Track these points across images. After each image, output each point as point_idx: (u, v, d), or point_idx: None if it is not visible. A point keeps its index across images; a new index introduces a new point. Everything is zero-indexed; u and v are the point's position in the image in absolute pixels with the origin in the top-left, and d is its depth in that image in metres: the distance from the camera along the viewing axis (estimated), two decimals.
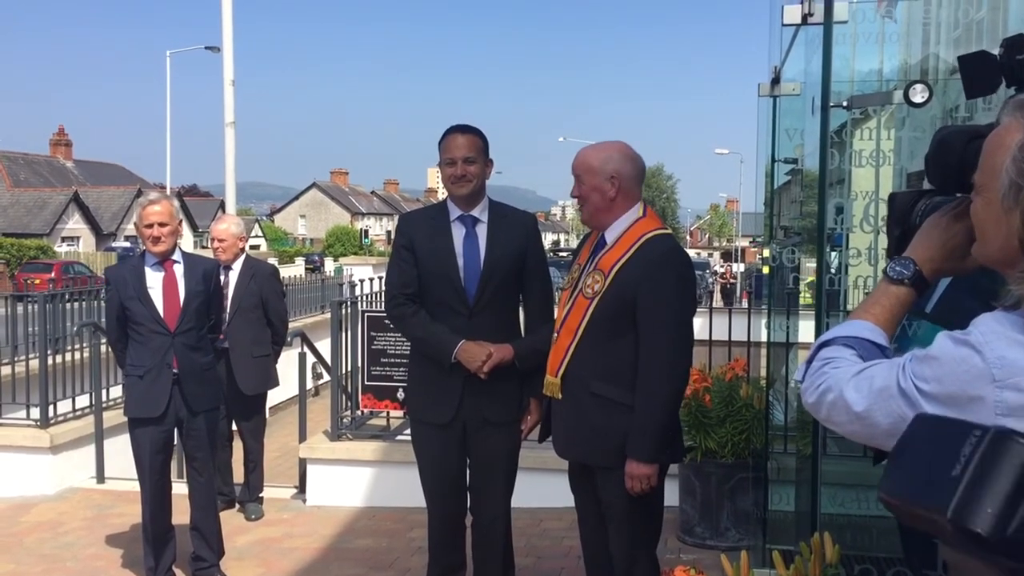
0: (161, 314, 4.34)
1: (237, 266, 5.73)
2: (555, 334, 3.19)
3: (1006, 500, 1.08)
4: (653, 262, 2.99)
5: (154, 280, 4.38)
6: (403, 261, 3.53)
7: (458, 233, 3.50)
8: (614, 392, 3.01)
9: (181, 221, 4.54)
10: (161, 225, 4.34)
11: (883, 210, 3.04)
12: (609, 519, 3.14)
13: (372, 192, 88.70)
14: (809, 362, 1.51)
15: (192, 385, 4.39)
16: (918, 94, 2.80)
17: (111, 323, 4.50)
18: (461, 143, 3.44)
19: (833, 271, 3.62)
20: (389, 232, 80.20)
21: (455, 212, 3.52)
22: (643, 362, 2.98)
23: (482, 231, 3.50)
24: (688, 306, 3.10)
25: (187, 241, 52.76)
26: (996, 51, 1.43)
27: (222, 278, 5.63)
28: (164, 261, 4.40)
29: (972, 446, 1.13)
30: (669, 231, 3.20)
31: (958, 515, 1.10)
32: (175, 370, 4.34)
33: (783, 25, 2.83)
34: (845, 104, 3.05)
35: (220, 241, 5.72)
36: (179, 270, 4.43)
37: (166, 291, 4.38)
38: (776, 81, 4.27)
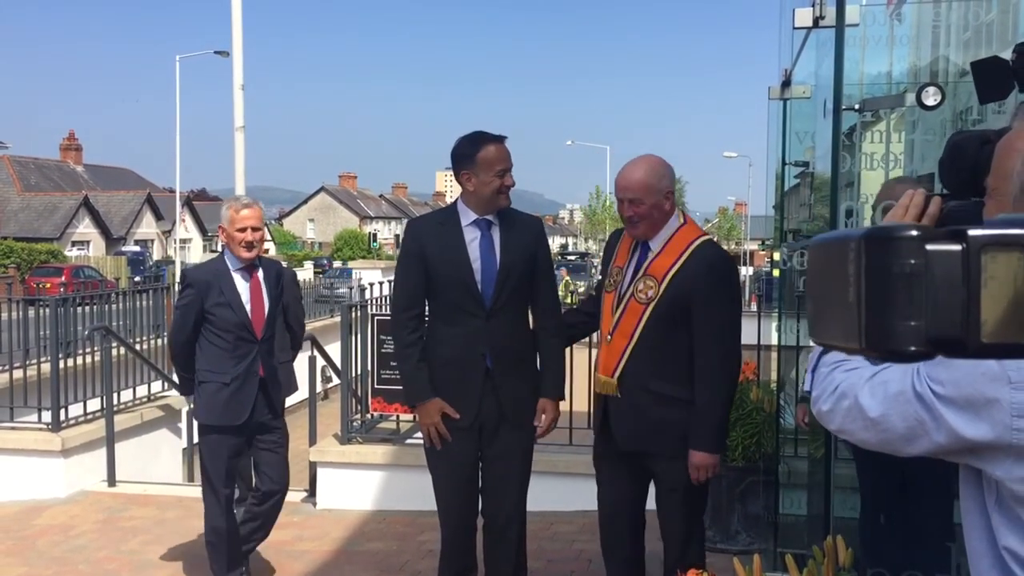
0: (251, 321, 4.27)
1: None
2: (608, 336, 3.36)
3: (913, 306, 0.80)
4: (707, 269, 3.23)
5: (242, 286, 4.28)
6: (412, 273, 3.54)
7: (472, 237, 3.50)
8: (669, 388, 3.26)
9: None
10: (254, 230, 4.25)
11: None
12: (669, 502, 3.39)
13: (381, 196, 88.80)
14: (813, 370, 1.51)
15: (275, 390, 4.39)
16: (930, 96, 2.80)
17: (185, 326, 4.27)
18: (507, 154, 3.48)
19: None
20: (398, 236, 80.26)
21: (469, 216, 3.51)
22: (703, 361, 3.23)
23: (496, 234, 3.52)
24: (738, 308, 3.40)
25: (196, 244, 52.92)
26: (1007, 55, 1.43)
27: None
28: (249, 267, 4.31)
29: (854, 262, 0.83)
30: (711, 237, 3.45)
31: (872, 343, 0.83)
32: (261, 376, 4.31)
33: (794, 28, 2.83)
34: (857, 107, 3.05)
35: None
36: (261, 276, 4.36)
37: (253, 297, 4.30)
38: (786, 84, 4.27)
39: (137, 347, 7.75)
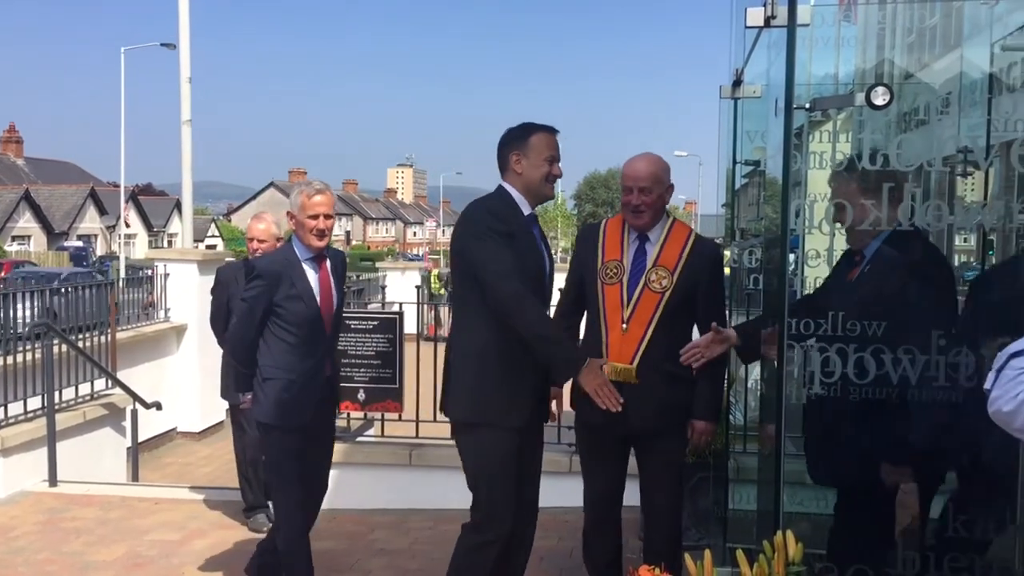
0: (322, 314, 4.05)
1: None
2: (624, 326, 3.53)
3: None
4: (710, 262, 3.62)
5: (312, 277, 4.03)
6: (507, 251, 3.35)
7: (535, 232, 3.57)
8: (678, 368, 3.53)
9: None
10: (327, 217, 4.00)
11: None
12: (664, 477, 3.65)
13: None
14: (999, 371, 1.50)
15: (337, 386, 4.25)
16: (880, 96, 2.85)
17: (253, 319, 4.00)
18: (558, 144, 3.52)
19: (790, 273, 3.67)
20: (348, 232, 79.76)
21: (527, 208, 3.51)
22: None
23: (537, 231, 3.61)
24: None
25: (141, 240, 51.98)
26: (950, 59, 1.44)
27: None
28: (318, 256, 4.07)
29: None
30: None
31: None
32: (328, 373, 4.13)
33: (746, 28, 2.85)
34: (808, 106, 3.09)
35: (260, 242, 5.36)
36: (329, 266, 4.12)
37: (322, 289, 4.05)
38: (738, 84, 4.30)
39: (80, 344, 7.60)
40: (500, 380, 3.40)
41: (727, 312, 4.08)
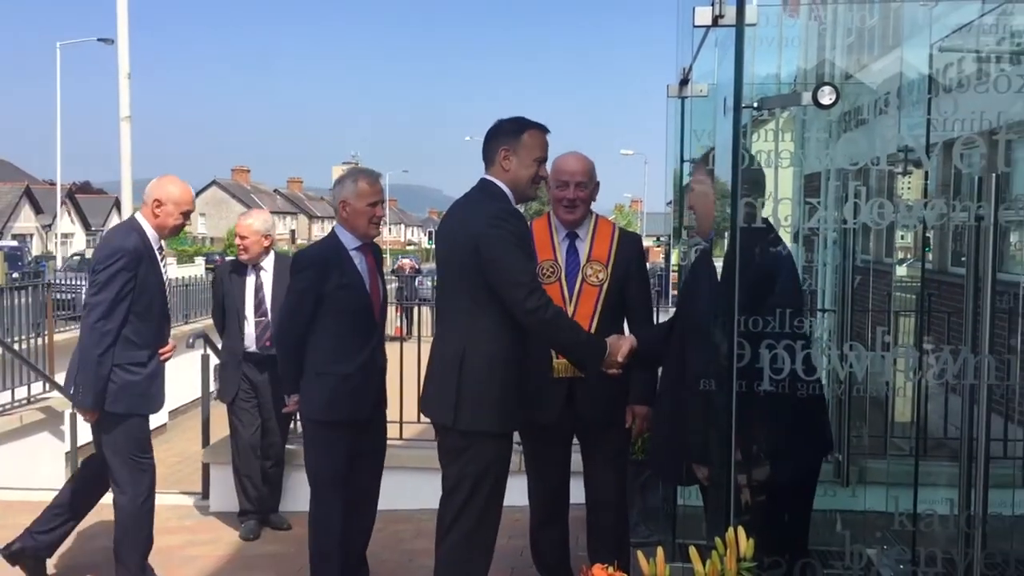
0: (372, 303, 3.96)
1: (269, 265, 5.35)
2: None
3: None
4: (637, 253, 3.82)
5: (361, 266, 3.96)
6: (525, 251, 3.28)
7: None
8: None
9: None
10: (383, 204, 4.01)
11: (783, 211, 3.12)
12: (612, 467, 3.78)
13: (275, 191, 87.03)
14: None
15: (384, 383, 4.12)
16: (826, 96, 2.89)
17: (303, 312, 3.89)
18: (547, 146, 3.39)
19: None
20: (293, 231, 78.83)
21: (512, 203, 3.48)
22: (642, 328, 3.74)
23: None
24: None
25: (79, 239, 50.80)
26: (888, 60, 1.46)
27: (251, 279, 5.34)
28: (364, 245, 4.00)
29: None
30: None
31: None
32: (381, 364, 4.03)
33: (694, 27, 2.87)
34: (755, 105, 3.12)
35: (242, 238, 5.28)
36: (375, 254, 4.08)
37: (371, 278, 3.99)
38: (685, 82, 4.33)
39: (16, 347, 7.40)
40: (515, 386, 3.28)
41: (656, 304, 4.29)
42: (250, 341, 5.30)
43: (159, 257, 4.21)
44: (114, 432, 4.11)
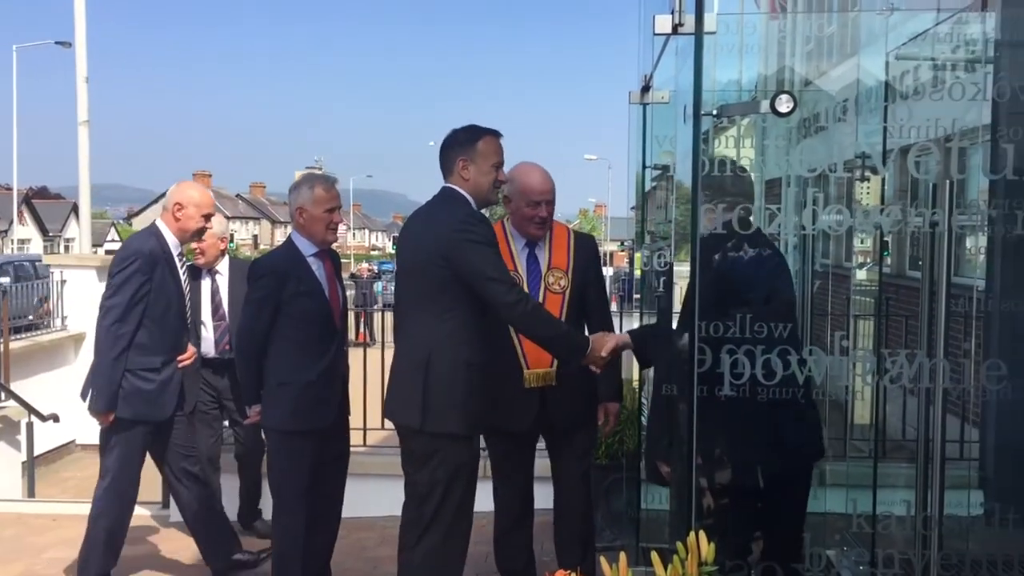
0: (332, 309, 3.92)
1: (224, 269, 5.29)
2: None
3: None
4: (593, 256, 3.95)
5: (320, 273, 3.93)
6: (497, 251, 3.38)
7: None
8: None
9: None
10: (340, 209, 4.00)
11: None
12: (580, 468, 3.86)
13: (237, 195, 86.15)
14: None
15: (346, 391, 4.09)
16: (784, 104, 2.92)
17: (260, 321, 3.84)
18: (503, 150, 3.42)
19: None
20: (255, 236, 78.08)
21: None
22: (604, 328, 3.75)
23: None
24: None
25: (36, 245, 49.92)
26: (846, 67, 1.48)
27: (207, 283, 5.27)
28: (322, 252, 3.97)
29: None
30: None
31: None
32: (343, 372, 4.02)
33: (655, 34, 2.89)
34: (715, 112, 3.15)
35: (199, 242, 5.13)
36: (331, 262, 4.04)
37: (329, 285, 3.96)
38: (646, 89, 4.36)
39: None
40: (481, 390, 3.31)
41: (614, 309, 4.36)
42: (208, 346, 5.24)
43: (179, 264, 4.18)
44: (115, 438, 4.14)
